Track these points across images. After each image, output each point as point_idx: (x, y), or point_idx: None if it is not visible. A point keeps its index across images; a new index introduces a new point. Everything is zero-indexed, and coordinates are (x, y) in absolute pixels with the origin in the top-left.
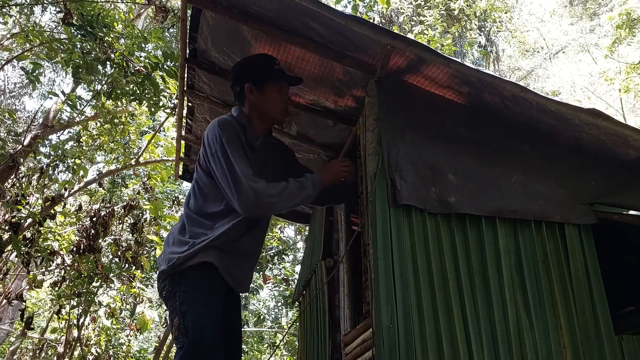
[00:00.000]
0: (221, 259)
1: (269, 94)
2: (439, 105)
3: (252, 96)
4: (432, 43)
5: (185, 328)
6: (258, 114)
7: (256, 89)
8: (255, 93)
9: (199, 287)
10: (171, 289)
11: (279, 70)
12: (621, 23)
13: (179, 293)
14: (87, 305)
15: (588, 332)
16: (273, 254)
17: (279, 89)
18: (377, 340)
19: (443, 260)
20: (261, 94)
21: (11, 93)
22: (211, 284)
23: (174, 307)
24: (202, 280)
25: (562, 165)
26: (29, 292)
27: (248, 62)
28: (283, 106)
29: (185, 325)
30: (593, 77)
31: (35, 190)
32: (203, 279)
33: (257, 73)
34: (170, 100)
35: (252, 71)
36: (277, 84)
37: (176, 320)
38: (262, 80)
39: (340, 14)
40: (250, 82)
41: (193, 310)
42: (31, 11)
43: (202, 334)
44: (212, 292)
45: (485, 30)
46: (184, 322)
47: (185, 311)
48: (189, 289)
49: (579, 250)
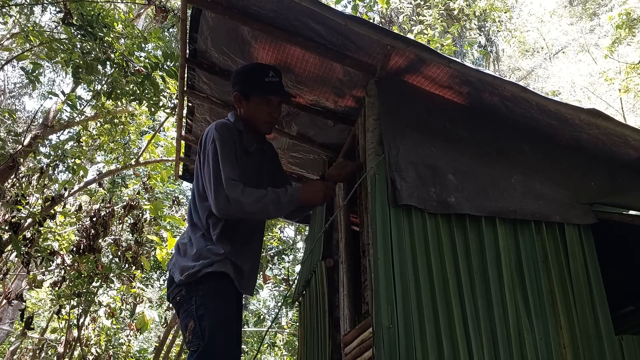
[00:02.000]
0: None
1: (254, 105)
2: (439, 105)
3: (239, 104)
4: (432, 43)
5: (201, 331)
6: (246, 122)
7: (243, 98)
8: (242, 102)
9: (215, 293)
10: (186, 294)
11: (269, 83)
12: (621, 23)
13: (196, 297)
14: (87, 305)
15: (588, 332)
16: (273, 254)
17: (266, 102)
18: (377, 340)
19: (443, 260)
20: (247, 103)
21: (11, 93)
22: (225, 290)
23: (189, 312)
24: (217, 287)
25: (562, 165)
26: (29, 292)
27: (242, 70)
28: (267, 119)
29: (202, 328)
30: (593, 77)
31: (35, 190)
32: (218, 286)
33: (246, 83)
34: (170, 100)
35: (242, 80)
36: (263, 97)
37: (191, 324)
38: (249, 91)
39: (340, 14)
40: (238, 90)
41: (210, 315)
42: (31, 11)
43: (218, 337)
44: (227, 297)
45: (485, 30)
46: (200, 325)
47: (202, 315)
48: (206, 294)
49: (579, 250)
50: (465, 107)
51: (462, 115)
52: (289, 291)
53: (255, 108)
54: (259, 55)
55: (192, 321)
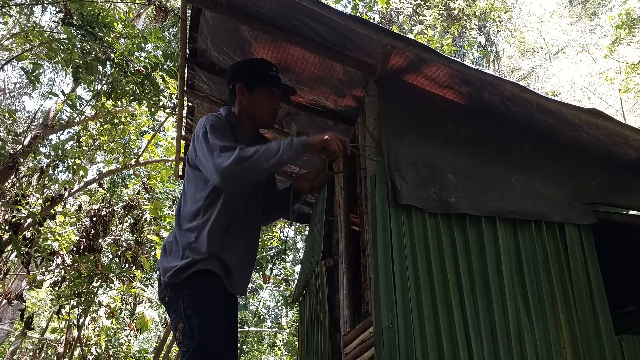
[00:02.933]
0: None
1: (258, 97)
2: (439, 105)
3: (242, 96)
4: (432, 43)
5: (191, 331)
6: (246, 114)
7: (247, 90)
8: (245, 93)
9: (203, 291)
10: (174, 294)
11: (274, 77)
12: (621, 23)
13: (183, 297)
14: (87, 305)
15: (588, 332)
16: (273, 254)
17: (269, 95)
18: (377, 340)
19: (443, 260)
20: (251, 95)
21: (11, 93)
22: (213, 287)
23: (177, 312)
24: (204, 285)
25: (562, 165)
26: (29, 292)
27: (245, 62)
28: (271, 111)
29: (191, 328)
30: (593, 77)
31: (35, 190)
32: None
33: (251, 74)
34: (170, 100)
35: (246, 72)
36: (268, 89)
37: (180, 325)
38: (254, 82)
39: (340, 14)
40: (242, 81)
41: (198, 314)
42: (31, 11)
43: (209, 336)
44: (215, 295)
45: (485, 30)
46: (190, 325)
47: (190, 315)
48: (193, 293)
49: (579, 250)
50: (465, 107)
51: (462, 115)
52: (289, 291)
53: (259, 99)
54: (258, 54)
55: (181, 321)
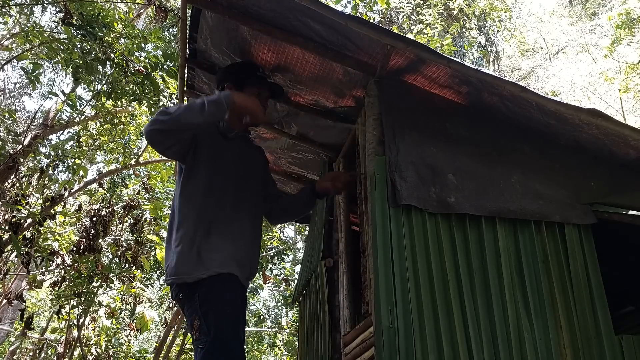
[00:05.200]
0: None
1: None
2: (439, 105)
3: None
4: (431, 42)
5: (207, 328)
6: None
7: (236, 89)
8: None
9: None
10: (189, 291)
11: (260, 77)
12: (621, 23)
13: (198, 294)
14: (87, 305)
15: (588, 332)
16: (273, 254)
17: (257, 94)
18: (377, 340)
19: (443, 260)
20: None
21: (11, 93)
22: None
23: (193, 309)
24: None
25: (562, 165)
26: (29, 292)
27: (233, 65)
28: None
29: (208, 324)
30: (593, 77)
31: (35, 190)
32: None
33: (239, 75)
34: (170, 100)
35: (234, 73)
36: (256, 89)
37: (196, 321)
38: (243, 82)
39: (340, 14)
40: (230, 82)
41: (214, 310)
42: (31, 11)
43: (224, 332)
44: (231, 291)
45: (485, 30)
46: (206, 322)
47: (206, 311)
48: (208, 290)
49: (579, 250)
50: (465, 107)
51: (462, 115)
52: (289, 291)
53: None
54: (258, 55)
55: (197, 318)
